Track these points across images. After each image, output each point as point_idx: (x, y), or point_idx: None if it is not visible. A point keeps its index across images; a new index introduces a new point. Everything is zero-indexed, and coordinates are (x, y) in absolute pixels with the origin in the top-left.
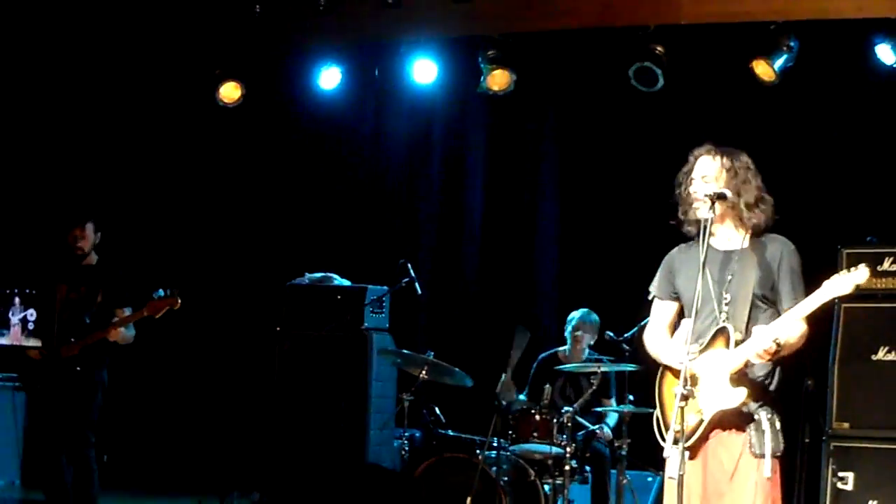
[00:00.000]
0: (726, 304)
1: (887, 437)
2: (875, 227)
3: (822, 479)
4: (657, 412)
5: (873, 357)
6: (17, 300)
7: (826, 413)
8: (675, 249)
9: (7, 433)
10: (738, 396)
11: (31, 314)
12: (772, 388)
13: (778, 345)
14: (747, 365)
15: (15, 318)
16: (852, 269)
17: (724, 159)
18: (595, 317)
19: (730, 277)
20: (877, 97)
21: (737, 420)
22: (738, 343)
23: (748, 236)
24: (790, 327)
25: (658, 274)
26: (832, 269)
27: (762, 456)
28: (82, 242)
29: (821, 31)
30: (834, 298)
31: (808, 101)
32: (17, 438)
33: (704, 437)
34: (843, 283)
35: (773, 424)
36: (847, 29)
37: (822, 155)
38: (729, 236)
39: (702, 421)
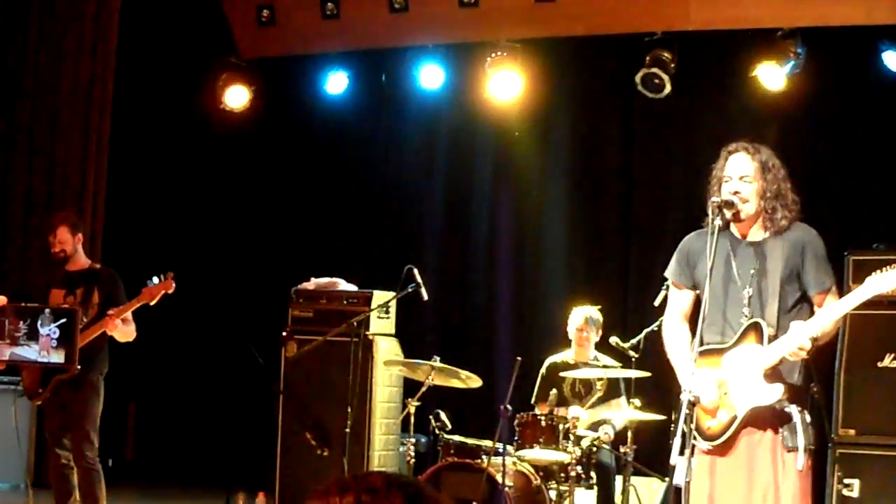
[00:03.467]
0: (749, 297)
1: (893, 444)
2: (882, 234)
3: (828, 485)
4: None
5: (879, 364)
6: (46, 311)
7: (831, 420)
8: (693, 235)
9: (11, 436)
10: (774, 393)
11: (55, 331)
12: (800, 384)
13: (814, 341)
14: (781, 362)
15: (44, 330)
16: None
17: (762, 158)
18: (598, 314)
19: (752, 271)
20: (884, 103)
21: (772, 418)
22: (771, 339)
23: (770, 233)
24: (828, 323)
25: (675, 259)
26: (839, 276)
27: (795, 449)
28: (60, 246)
29: (828, 37)
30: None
31: (815, 107)
32: (23, 441)
33: (736, 435)
34: (887, 279)
35: (804, 419)
36: (854, 36)
37: (829, 161)
38: (756, 232)
39: (735, 417)
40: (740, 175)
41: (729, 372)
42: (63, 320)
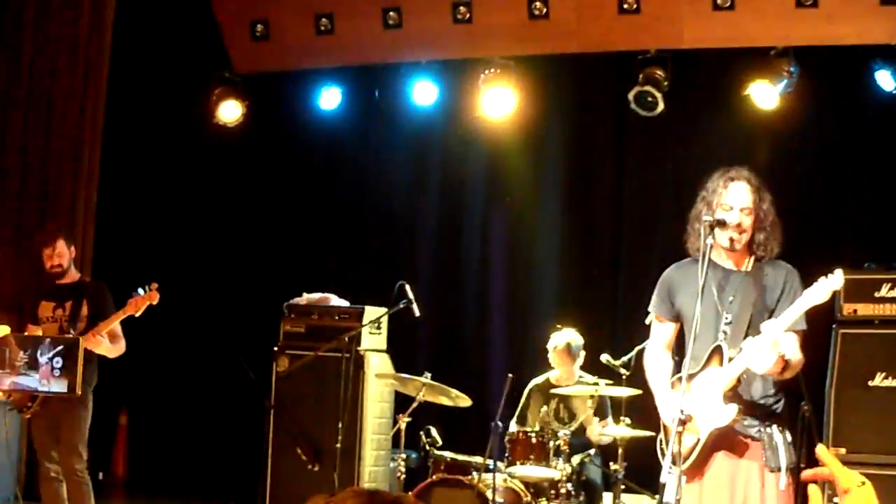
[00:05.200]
0: (727, 324)
1: (883, 463)
2: (873, 253)
3: None
4: (661, 435)
5: (870, 383)
6: (47, 341)
7: (822, 438)
8: (673, 267)
9: (1, 449)
10: (729, 413)
11: (57, 360)
12: (778, 410)
13: (782, 357)
14: (740, 382)
15: (43, 359)
16: (829, 275)
17: (761, 195)
18: (578, 339)
19: (731, 298)
20: (876, 123)
21: (741, 440)
22: (730, 360)
23: (752, 260)
24: (787, 341)
25: (656, 293)
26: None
27: (778, 470)
28: (58, 259)
29: (821, 56)
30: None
31: (808, 126)
32: (13, 454)
33: (705, 458)
34: (820, 290)
35: (784, 439)
36: (847, 55)
37: (821, 180)
38: (739, 258)
39: (698, 441)
40: (742, 206)
41: (695, 396)
42: (61, 347)
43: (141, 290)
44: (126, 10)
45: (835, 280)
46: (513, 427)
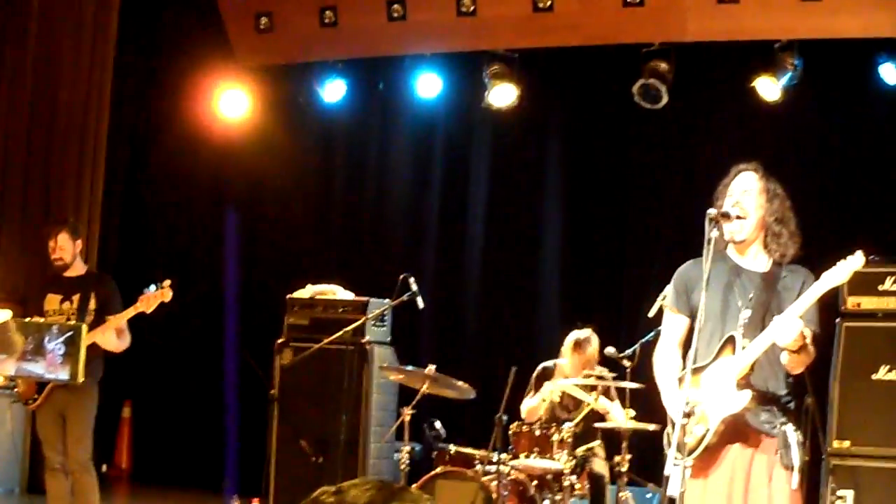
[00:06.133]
0: (746, 319)
1: (887, 456)
2: (877, 246)
3: (822, 497)
4: (668, 428)
5: (874, 376)
6: (54, 328)
7: (826, 431)
8: (690, 263)
9: (6, 441)
10: (742, 399)
11: (60, 347)
12: (792, 407)
13: (803, 336)
14: (753, 369)
15: (50, 346)
16: (849, 257)
17: (768, 183)
18: (597, 341)
19: (751, 296)
20: (879, 116)
21: (753, 434)
22: (744, 349)
23: (771, 262)
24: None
25: (672, 287)
26: (834, 288)
27: (791, 468)
28: (60, 253)
29: (825, 50)
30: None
31: (812, 119)
32: (18, 446)
33: (715, 450)
34: (840, 270)
35: (798, 439)
36: (851, 48)
37: (825, 172)
38: (755, 257)
39: (707, 431)
40: (743, 189)
41: (705, 387)
42: (68, 335)
43: (153, 287)
44: (131, 4)
45: (855, 260)
46: (526, 404)
